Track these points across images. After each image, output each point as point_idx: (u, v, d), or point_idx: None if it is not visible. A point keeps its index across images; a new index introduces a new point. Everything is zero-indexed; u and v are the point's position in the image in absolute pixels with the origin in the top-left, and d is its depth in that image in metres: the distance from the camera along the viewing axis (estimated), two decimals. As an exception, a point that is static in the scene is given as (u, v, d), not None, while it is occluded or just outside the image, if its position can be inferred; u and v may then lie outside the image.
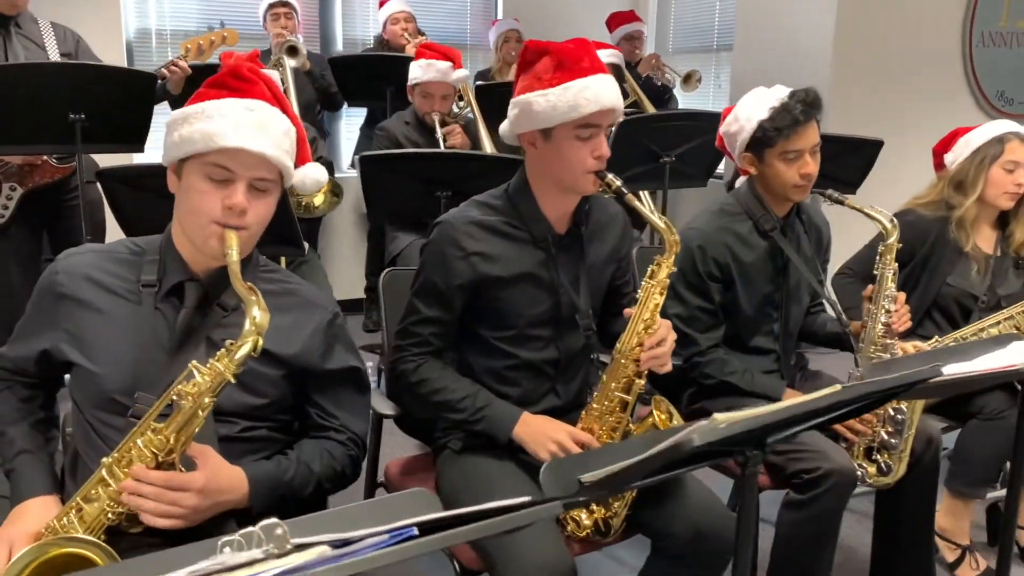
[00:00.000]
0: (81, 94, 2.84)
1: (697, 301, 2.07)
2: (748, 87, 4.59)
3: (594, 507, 1.66)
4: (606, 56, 3.67)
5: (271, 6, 4.25)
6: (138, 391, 1.37)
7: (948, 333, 2.46)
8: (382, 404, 1.82)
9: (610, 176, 1.63)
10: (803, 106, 1.95)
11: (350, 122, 4.90)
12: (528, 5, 5.15)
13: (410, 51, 4.34)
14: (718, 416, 0.99)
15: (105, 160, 3.22)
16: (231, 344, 1.26)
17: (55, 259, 1.47)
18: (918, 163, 3.81)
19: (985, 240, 2.50)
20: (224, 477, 1.33)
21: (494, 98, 3.85)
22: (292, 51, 3.79)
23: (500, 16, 5.23)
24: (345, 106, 4.56)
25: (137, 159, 4.29)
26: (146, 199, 2.44)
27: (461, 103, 3.70)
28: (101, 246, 1.51)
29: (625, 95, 4.08)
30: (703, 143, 3.08)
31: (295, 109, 3.33)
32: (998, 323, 2.35)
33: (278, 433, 1.49)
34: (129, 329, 1.40)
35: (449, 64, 3.38)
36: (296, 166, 1.48)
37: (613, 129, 2.68)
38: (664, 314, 1.93)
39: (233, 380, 1.26)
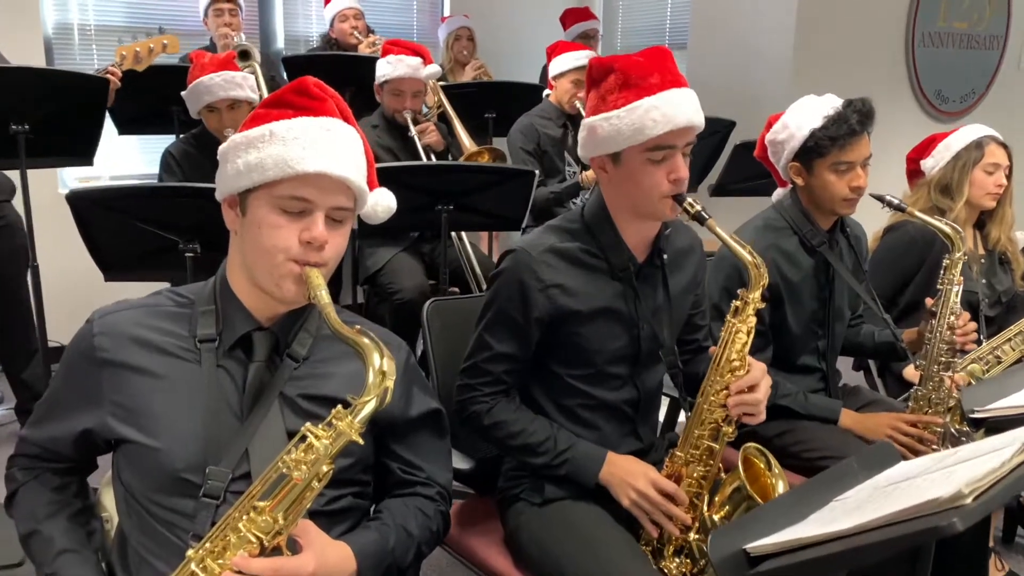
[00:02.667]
0: (25, 103, 2.53)
1: (745, 322, 1.98)
2: (705, 87, 4.56)
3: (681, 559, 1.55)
4: (584, 56, 3.55)
5: (213, 1, 3.93)
6: (208, 465, 1.17)
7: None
8: (456, 457, 1.64)
9: (689, 199, 1.50)
10: (859, 116, 1.89)
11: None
12: (474, 1, 4.97)
13: (363, 50, 4.12)
14: (963, 488, 0.88)
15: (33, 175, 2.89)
16: (353, 399, 1.08)
17: (88, 320, 1.24)
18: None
19: (969, 241, 2.55)
20: (332, 556, 1.15)
21: (455, 99, 3.69)
22: (244, 55, 3.50)
23: (447, 12, 5.04)
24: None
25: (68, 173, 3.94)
26: (120, 222, 2.19)
27: (429, 106, 3.50)
28: (139, 300, 1.28)
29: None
30: (696, 148, 3.00)
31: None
32: (1008, 340, 2.37)
33: (361, 499, 1.32)
34: (192, 393, 1.20)
35: (419, 60, 3.20)
36: None
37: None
38: (711, 335, 1.86)
39: (360, 441, 1.08)
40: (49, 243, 3.05)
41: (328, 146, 1.18)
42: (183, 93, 2.80)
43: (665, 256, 1.63)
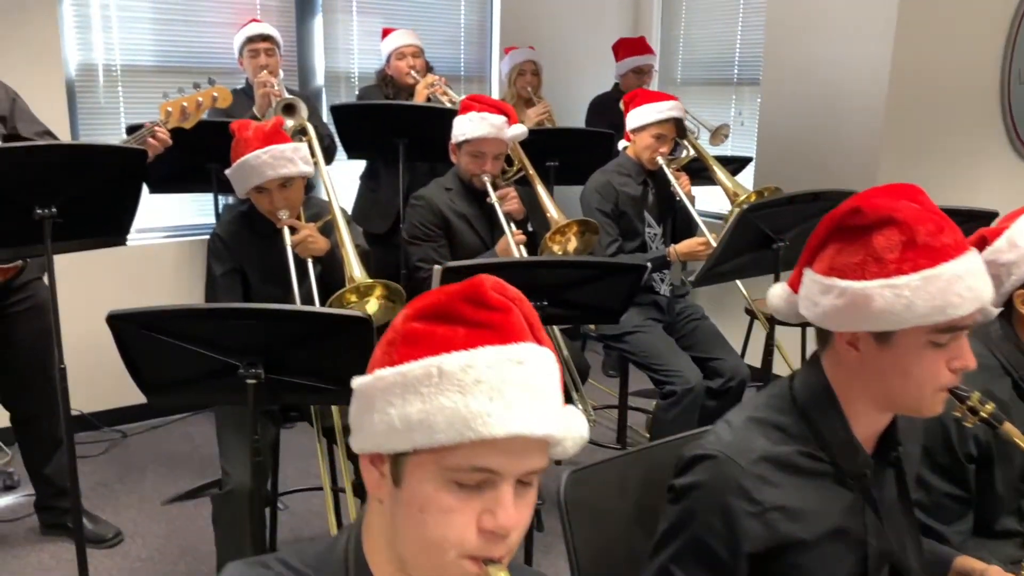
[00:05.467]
0: (51, 183, 2.16)
1: (946, 487, 1.61)
2: (780, 127, 4.11)
3: None
4: (667, 109, 3.17)
5: (249, 40, 3.57)
6: None
7: None
8: None
9: (975, 396, 1.13)
10: None
11: (342, 167, 4.16)
12: (525, 33, 4.59)
13: (420, 91, 3.71)
14: None
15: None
16: None
17: None
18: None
19: None
20: None
21: (525, 147, 3.30)
22: (289, 109, 3.11)
23: (497, 45, 4.65)
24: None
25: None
26: (166, 345, 1.81)
27: (509, 169, 3.11)
28: None
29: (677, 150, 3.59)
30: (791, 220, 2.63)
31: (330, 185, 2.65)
32: None
33: None
34: None
35: (504, 119, 2.81)
36: None
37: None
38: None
39: None
40: (71, 301, 2.73)
41: (525, 392, 0.80)
42: (227, 172, 2.42)
43: (901, 448, 1.24)
